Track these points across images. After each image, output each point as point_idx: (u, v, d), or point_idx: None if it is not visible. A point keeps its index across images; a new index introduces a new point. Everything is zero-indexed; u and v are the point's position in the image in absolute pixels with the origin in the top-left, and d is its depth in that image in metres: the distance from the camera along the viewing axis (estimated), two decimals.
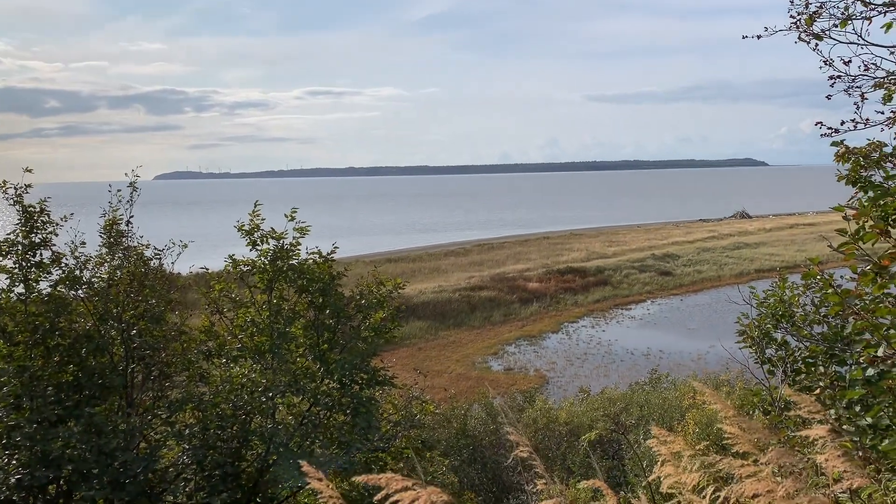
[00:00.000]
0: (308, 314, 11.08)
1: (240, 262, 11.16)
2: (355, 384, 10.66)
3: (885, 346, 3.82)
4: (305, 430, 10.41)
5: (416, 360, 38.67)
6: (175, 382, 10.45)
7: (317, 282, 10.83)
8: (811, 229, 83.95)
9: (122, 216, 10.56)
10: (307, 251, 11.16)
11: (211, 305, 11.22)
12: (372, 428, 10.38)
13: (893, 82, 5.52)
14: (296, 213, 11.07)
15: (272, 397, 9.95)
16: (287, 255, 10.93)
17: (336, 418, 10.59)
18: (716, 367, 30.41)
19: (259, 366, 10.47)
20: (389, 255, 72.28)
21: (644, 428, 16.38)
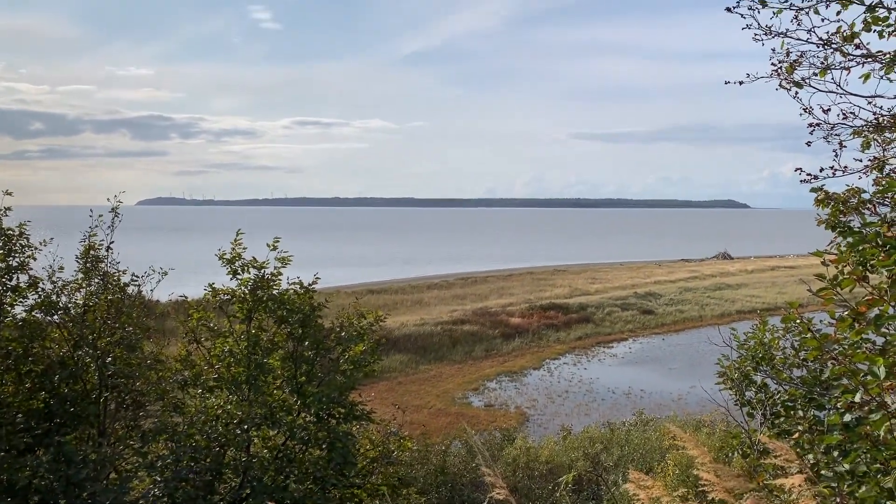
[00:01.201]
0: (287, 345, 10.97)
1: (220, 291, 11.05)
2: (332, 418, 10.53)
3: (862, 392, 3.82)
4: (280, 465, 10.23)
5: (396, 394, 38.30)
6: (149, 412, 10.27)
7: (297, 313, 10.74)
8: (792, 272, 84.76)
9: (101, 242, 10.46)
10: (288, 281, 11.09)
11: (189, 334, 11.07)
12: (348, 464, 10.23)
13: (871, 131, 5.62)
14: (278, 242, 11.01)
15: (247, 430, 9.79)
16: (268, 284, 10.85)
17: (312, 453, 10.42)
18: (696, 408, 30.38)
19: (235, 397, 10.32)
20: (372, 287, 72.01)
21: (624, 469, 16.28)
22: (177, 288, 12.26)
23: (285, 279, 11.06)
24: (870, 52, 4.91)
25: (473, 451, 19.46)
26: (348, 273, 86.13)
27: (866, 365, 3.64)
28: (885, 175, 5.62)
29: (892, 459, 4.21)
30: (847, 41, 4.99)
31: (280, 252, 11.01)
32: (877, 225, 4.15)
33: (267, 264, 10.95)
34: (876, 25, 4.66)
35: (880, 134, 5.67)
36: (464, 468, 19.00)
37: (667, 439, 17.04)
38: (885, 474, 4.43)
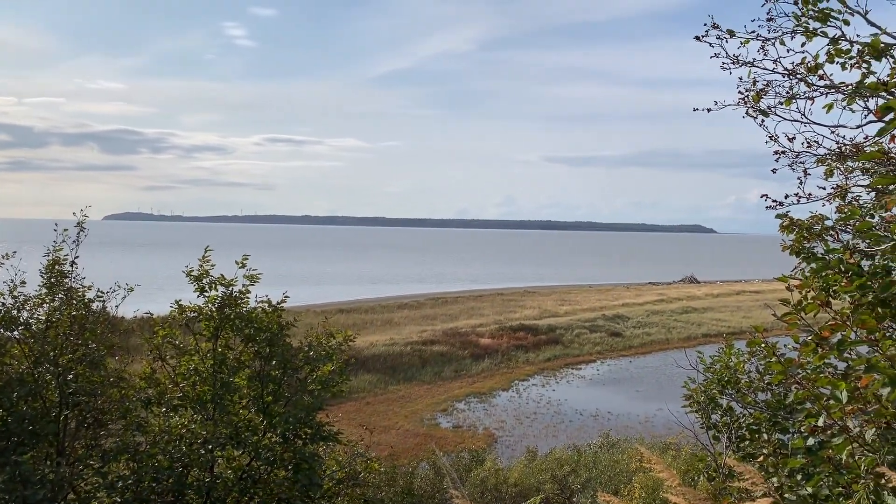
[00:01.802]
0: (254, 364, 10.83)
1: (186, 308, 10.90)
2: (299, 439, 10.39)
3: (825, 416, 3.88)
4: (245, 486, 10.06)
5: (364, 414, 37.98)
6: (110, 431, 10.04)
7: (264, 331, 10.62)
8: (757, 297, 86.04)
9: (66, 256, 10.27)
10: (256, 299, 10.97)
11: (153, 351, 10.88)
12: (314, 485, 10.09)
13: (834, 159, 5.76)
14: (247, 259, 10.91)
15: (212, 450, 9.62)
16: (235, 302, 10.72)
17: (277, 474, 10.26)
18: (662, 430, 30.57)
19: (200, 416, 10.14)
20: (341, 306, 71.54)
21: (592, 491, 16.28)
22: (142, 304, 12.07)
23: (253, 297, 10.94)
24: (833, 83, 5.04)
25: (441, 472, 19.33)
26: (318, 292, 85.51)
27: (829, 389, 3.69)
28: (847, 203, 5.75)
29: (854, 483, 4.27)
30: (811, 72, 5.13)
31: (249, 270, 10.90)
32: (839, 251, 4.24)
33: (235, 282, 10.83)
34: (839, 57, 4.79)
35: (843, 163, 5.81)
36: (431, 490, 18.86)
37: (634, 462, 17.10)
38: (846, 497, 4.49)
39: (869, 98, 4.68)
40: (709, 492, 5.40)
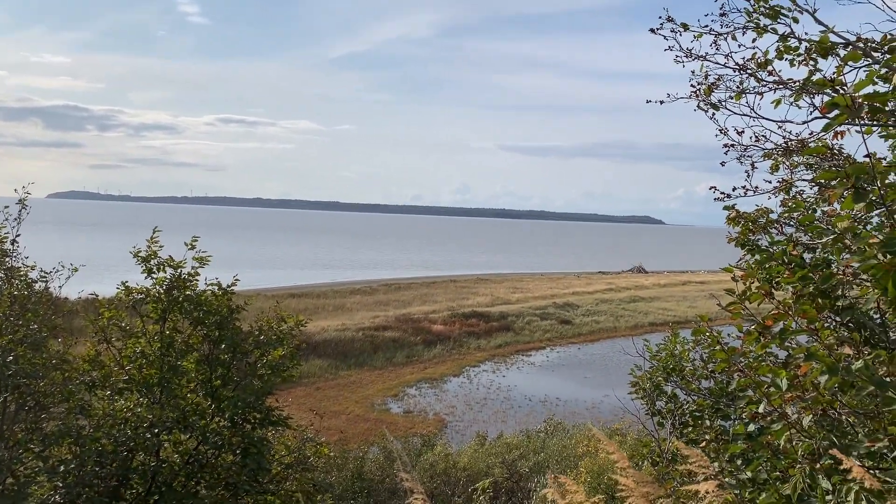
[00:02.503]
0: (202, 348, 10.67)
1: (133, 290, 10.67)
2: (248, 423, 10.29)
3: (765, 403, 4.00)
4: (191, 470, 9.93)
5: (314, 399, 37.78)
6: (52, 414, 9.79)
7: (214, 314, 10.47)
8: (702, 287, 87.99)
9: (6, 234, 9.95)
10: (206, 282, 10.80)
11: (98, 334, 10.63)
12: (262, 469, 10.02)
13: (780, 154, 5.92)
14: (196, 241, 10.72)
15: (158, 434, 9.46)
16: (184, 284, 10.54)
17: (225, 458, 10.16)
18: (609, 416, 31.14)
19: (146, 400, 9.97)
20: (293, 290, 70.81)
21: (540, 476, 16.52)
22: (87, 285, 11.77)
23: (203, 280, 10.77)
24: (781, 80, 5.17)
25: (391, 457, 19.39)
26: (269, 276, 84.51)
27: (770, 377, 3.81)
28: (791, 197, 5.92)
29: (791, 468, 4.42)
30: (761, 68, 5.25)
31: (198, 252, 10.72)
32: (783, 244, 4.36)
33: (184, 264, 10.64)
34: (788, 54, 4.91)
35: (789, 157, 5.97)
36: (381, 474, 18.91)
37: (581, 447, 17.41)
38: (783, 482, 4.65)
39: (815, 95, 4.82)
40: (653, 475, 5.54)
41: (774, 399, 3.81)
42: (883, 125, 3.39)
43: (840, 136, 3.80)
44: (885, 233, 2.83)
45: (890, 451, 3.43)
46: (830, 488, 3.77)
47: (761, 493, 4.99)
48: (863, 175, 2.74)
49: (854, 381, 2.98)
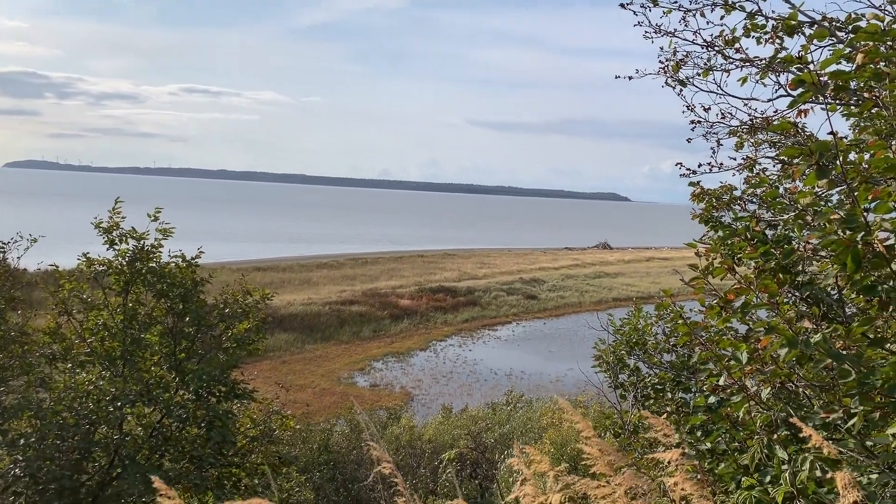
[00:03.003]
0: (166, 321, 10.55)
1: (95, 262, 10.48)
2: (213, 396, 10.24)
3: (725, 376, 4.09)
4: (155, 443, 9.87)
5: (279, 373, 37.68)
6: (11, 388, 9.63)
7: (178, 287, 10.34)
8: (666, 263, 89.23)
9: None
10: (170, 254, 10.66)
11: (59, 306, 10.44)
12: (227, 442, 9.99)
13: (745, 131, 5.99)
14: (160, 212, 10.55)
15: (121, 407, 9.37)
16: (147, 256, 10.38)
17: (189, 431, 10.11)
18: (572, 389, 31.58)
19: (109, 373, 9.85)
20: (258, 264, 70.17)
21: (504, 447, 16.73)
22: (47, 257, 11.52)
23: (166, 252, 10.62)
24: (748, 57, 5.22)
25: (358, 429, 19.47)
26: (234, 248, 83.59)
27: (731, 351, 3.89)
28: (755, 174, 6.01)
29: (749, 439, 4.54)
30: (728, 45, 5.29)
31: (161, 223, 10.55)
32: (746, 220, 4.43)
33: (147, 235, 10.47)
34: (755, 32, 4.95)
35: (753, 135, 6.05)
36: (347, 446, 19.00)
37: (545, 418, 17.66)
38: (741, 452, 4.78)
39: (781, 73, 4.88)
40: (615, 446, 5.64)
41: (734, 372, 3.89)
42: (845, 104, 3.44)
43: (804, 114, 3.86)
44: (845, 210, 2.89)
45: (844, 423, 3.53)
46: (787, 458, 3.88)
47: (720, 464, 5.13)
48: (826, 152, 2.79)
49: (812, 355, 3.05)
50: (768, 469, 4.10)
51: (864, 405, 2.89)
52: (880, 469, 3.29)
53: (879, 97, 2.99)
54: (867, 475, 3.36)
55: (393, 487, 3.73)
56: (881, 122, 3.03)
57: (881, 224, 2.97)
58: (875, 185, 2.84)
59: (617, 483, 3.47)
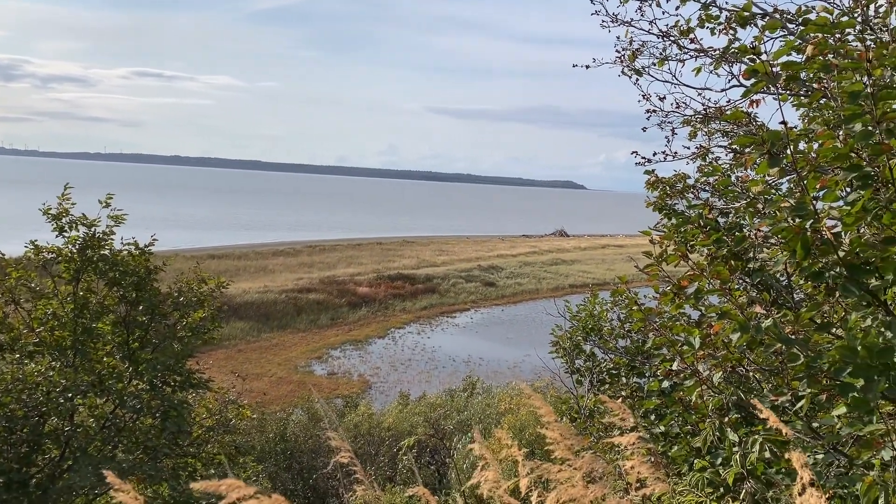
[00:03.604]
0: (119, 309, 10.34)
1: (43, 249, 10.20)
2: (167, 386, 10.08)
3: (678, 361, 4.17)
4: (108, 434, 9.69)
5: (235, 362, 37.27)
6: None
7: (131, 275, 10.13)
8: (620, 250, 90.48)
9: None
10: (122, 241, 10.43)
11: (5, 294, 10.15)
12: (182, 433, 9.86)
13: (699, 121, 6.09)
14: (111, 199, 10.31)
15: (72, 398, 9.17)
16: (99, 244, 10.14)
17: (143, 422, 9.94)
18: (529, 375, 31.90)
19: (59, 363, 9.62)
20: (212, 252, 69.08)
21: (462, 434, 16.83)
22: None
23: (119, 239, 10.39)
24: (702, 48, 5.31)
25: (314, 418, 19.38)
26: (188, 236, 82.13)
27: (684, 336, 3.97)
28: (708, 163, 6.12)
29: (701, 422, 4.65)
30: (683, 35, 5.37)
31: (113, 210, 10.31)
32: (699, 208, 4.51)
33: (98, 222, 10.22)
34: (709, 23, 5.04)
35: (707, 124, 6.16)
36: (304, 435, 18.90)
37: (503, 404, 17.82)
38: (693, 435, 4.89)
39: (733, 64, 4.97)
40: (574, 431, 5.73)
41: (687, 357, 3.97)
42: (796, 94, 3.53)
43: (756, 104, 3.95)
44: (795, 198, 2.96)
45: (792, 406, 3.64)
46: (737, 440, 3.98)
47: (673, 447, 5.25)
48: (777, 141, 2.85)
49: (763, 339, 3.13)
50: (720, 451, 4.21)
51: (812, 388, 2.99)
52: (826, 449, 3.41)
53: (828, 88, 3.07)
54: (813, 456, 3.47)
55: (352, 475, 3.73)
56: (829, 112, 3.11)
57: (829, 212, 3.06)
58: (823, 174, 2.92)
59: (576, 467, 3.53)
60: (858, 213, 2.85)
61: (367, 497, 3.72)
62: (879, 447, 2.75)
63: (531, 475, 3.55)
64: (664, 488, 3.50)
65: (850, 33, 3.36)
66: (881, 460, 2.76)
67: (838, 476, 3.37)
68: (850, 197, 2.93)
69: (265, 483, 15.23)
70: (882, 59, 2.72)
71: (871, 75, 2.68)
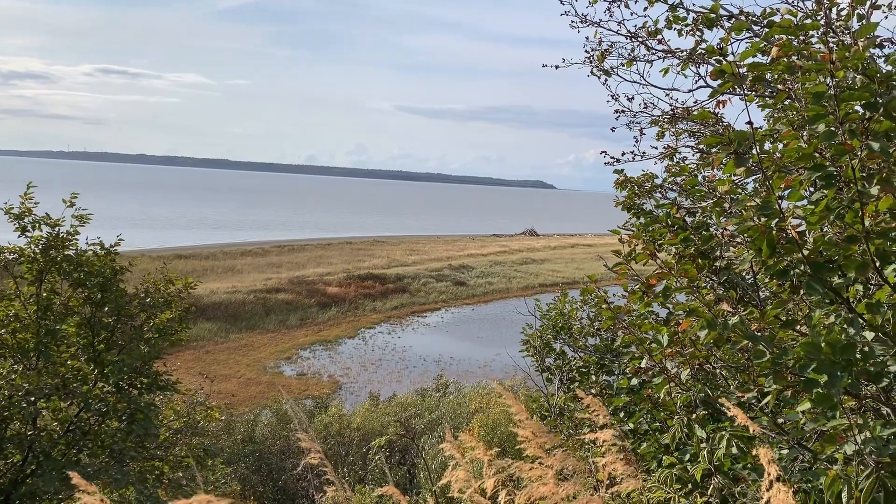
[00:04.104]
0: (84, 311, 10.15)
1: (4, 249, 9.98)
2: (134, 389, 9.92)
3: (647, 359, 4.22)
4: (72, 438, 9.51)
5: (203, 363, 36.85)
6: None
7: (96, 276, 9.95)
8: (590, 249, 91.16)
9: None
10: (87, 242, 10.24)
11: None
12: (149, 435, 9.71)
13: (667, 121, 6.17)
14: (76, 198, 10.12)
15: (35, 402, 8.98)
16: (63, 244, 9.94)
17: (109, 425, 9.77)
18: (500, 373, 32.00)
19: (21, 366, 9.42)
20: (179, 252, 68.17)
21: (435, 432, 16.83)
22: None
23: (84, 239, 10.20)
24: (670, 49, 5.37)
25: (283, 419, 19.24)
26: (154, 235, 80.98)
27: (652, 334, 4.01)
28: (675, 163, 6.20)
29: (669, 418, 4.70)
30: (651, 36, 5.43)
31: (78, 209, 10.12)
32: (667, 207, 4.57)
33: (62, 221, 10.03)
34: (676, 24, 5.10)
35: (674, 124, 6.24)
36: (273, 436, 18.77)
37: (474, 403, 17.86)
38: (662, 432, 4.95)
39: (700, 65, 5.04)
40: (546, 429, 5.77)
41: (656, 354, 4.02)
42: (761, 95, 3.58)
43: (723, 104, 4.01)
44: (761, 197, 3.01)
45: (758, 402, 3.70)
46: (705, 436, 4.04)
47: (642, 444, 5.31)
48: (743, 141, 2.90)
49: (729, 336, 3.18)
50: (688, 447, 4.26)
51: (778, 384, 3.04)
52: (790, 444, 3.47)
53: (792, 89, 3.13)
54: (778, 451, 3.53)
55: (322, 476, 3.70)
56: (794, 113, 3.17)
57: (793, 211, 3.11)
58: (788, 174, 2.97)
59: (549, 464, 3.55)
60: (822, 212, 2.90)
61: (338, 498, 3.70)
62: (842, 442, 2.80)
63: (500, 474, 3.56)
64: (635, 485, 3.53)
65: (813, 35, 3.42)
66: (844, 454, 2.81)
67: (802, 470, 3.44)
68: (813, 196, 2.99)
69: (234, 485, 15.09)
70: (844, 61, 2.78)
71: (835, 77, 2.73)
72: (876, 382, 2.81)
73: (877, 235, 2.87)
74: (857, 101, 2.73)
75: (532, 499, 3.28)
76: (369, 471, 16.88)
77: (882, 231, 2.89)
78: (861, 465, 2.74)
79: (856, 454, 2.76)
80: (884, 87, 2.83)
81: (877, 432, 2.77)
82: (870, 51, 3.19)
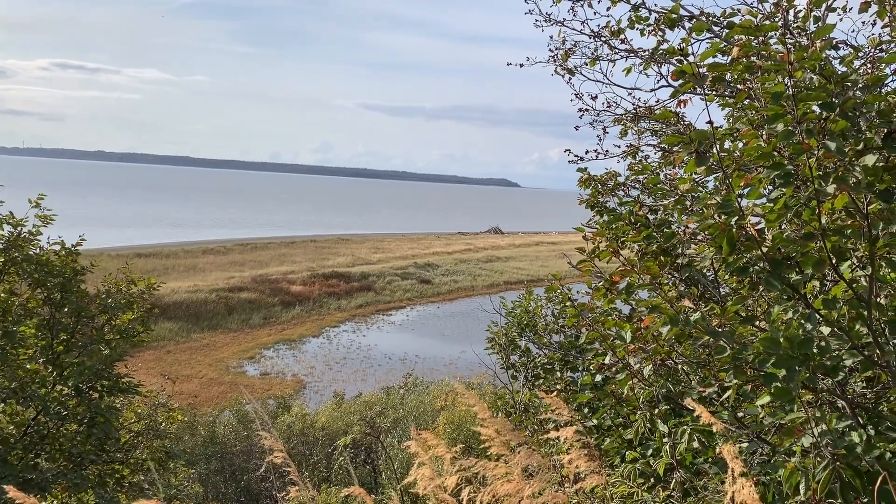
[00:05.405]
0: (43, 311, 9.90)
1: None
2: (94, 391, 9.72)
3: (611, 355, 4.27)
4: (30, 442, 9.28)
5: (164, 363, 36.28)
6: None
7: (56, 276, 9.71)
8: (554, 247, 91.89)
9: None
10: (48, 241, 10.00)
11: None
12: (110, 439, 9.53)
13: (629, 120, 6.24)
14: (42, 199, 9.89)
15: None
16: (25, 243, 9.69)
17: (68, 428, 9.55)
18: (466, 371, 32.08)
19: None
20: (139, 250, 66.97)
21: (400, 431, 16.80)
22: None
23: (45, 239, 9.96)
24: (632, 48, 5.43)
25: (245, 420, 19.04)
26: (114, 234, 79.35)
27: (615, 331, 4.06)
28: (637, 161, 6.27)
29: (632, 414, 4.76)
30: (614, 36, 5.48)
31: (42, 209, 9.89)
32: (630, 205, 4.62)
33: (25, 221, 9.78)
34: (639, 24, 5.15)
35: (636, 123, 6.31)
36: (235, 437, 18.56)
37: (439, 401, 17.88)
38: (625, 427, 5.01)
39: (662, 64, 5.10)
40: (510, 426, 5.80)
41: (619, 351, 4.06)
42: (722, 95, 3.64)
43: (684, 104, 4.06)
44: (721, 195, 3.06)
45: (719, 396, 3.76)
46: (667, 431, 4.10)
47: (606, 439, 5.36)
48: (704, 140, 2.94)
49: (691, 332, 3.23)
50: (650, 442, 4.32)
51: (738, 379, 3.09)
52: (749, 438, 3.53)
53: (752, 89, 3.18)
54: (738, 444, 3.60)
55: (286, 476, 3.67)
56: (753, 112, 3.23)
57: (753, 209, 3.17)
58: (748, 172, 3.02)
59: (513, 462, 3.56)
60: (780, 210, 2.96)
61: (302, 498, 3.68)
62: (800, 434, 2.86)
63: (463, 472, 3.57)
64: (599, 480, 3.57)
65: (772, 36, 3.49)
66: (801, 447, 2.88)
67: (761, 463, 3.50)
68: (772, 194, 3.05)
69: (196, 488, 14.88)
70: (802, 61, 2.83)
71: (793, 77, 2.79)
72: (832, 376, 2.87)
73: (833, 233, 2.94)
74: (814, 101, 2.79)
75: (496, 496, 3.30)
76: (334, 470, 16.78)
77: (837, 228, 2.96)
78: (818, 457, 2.80)
79: (813, 446, 2.82)
80: (839, 87, 2.89)
81: (832, 425, 2.83)
82: (826, 52, 3.26)
